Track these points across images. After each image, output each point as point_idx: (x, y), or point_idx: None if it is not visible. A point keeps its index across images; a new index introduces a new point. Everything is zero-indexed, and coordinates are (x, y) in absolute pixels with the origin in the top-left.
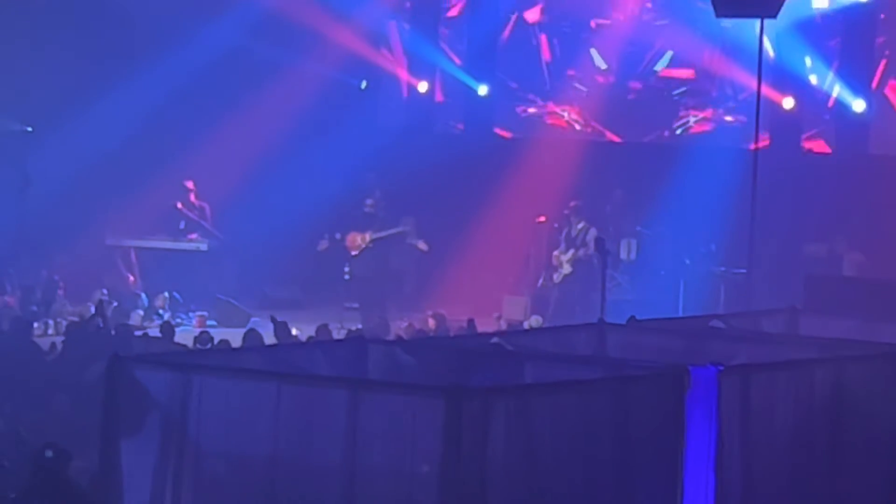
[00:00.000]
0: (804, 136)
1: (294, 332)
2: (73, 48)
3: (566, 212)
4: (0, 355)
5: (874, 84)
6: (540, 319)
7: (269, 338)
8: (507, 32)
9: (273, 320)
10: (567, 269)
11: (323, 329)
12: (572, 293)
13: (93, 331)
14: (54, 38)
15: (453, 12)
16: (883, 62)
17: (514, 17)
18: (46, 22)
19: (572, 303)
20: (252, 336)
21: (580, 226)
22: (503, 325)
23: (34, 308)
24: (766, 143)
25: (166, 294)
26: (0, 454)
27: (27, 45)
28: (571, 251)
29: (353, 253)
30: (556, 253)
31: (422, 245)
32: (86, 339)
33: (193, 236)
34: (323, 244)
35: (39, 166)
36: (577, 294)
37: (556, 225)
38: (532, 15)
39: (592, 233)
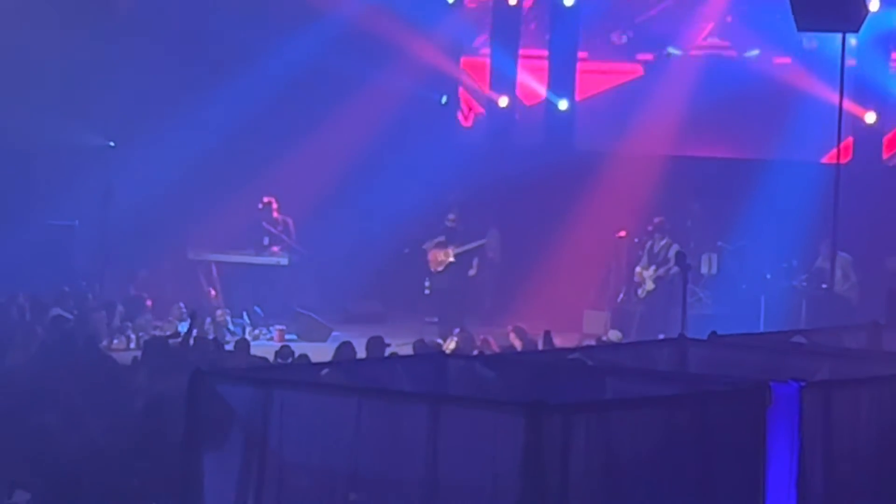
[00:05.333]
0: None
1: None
2: (155, 63)
3: (650, 228)
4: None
5: None
6: (619, 334)
7: (360, 351)
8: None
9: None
10: (650, 285)
11: (420, 344)
12: (655, 309)
13: (173, 345)
14: (137, 54)
15: (534, 26)
16: None
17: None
18: (129, 37)
19: (655, 319)
20: (346, 349)
21: (663, 242)
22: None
23: (118, 322)
24: (848, 157)
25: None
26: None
27: (110, 60)
28: (654, 268)
29: (438, 269)
30: (638, 269)
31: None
32: (164, 351)
33: (276, 249)
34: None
35: (122, 181)
36: (659, 310)
37: (636, 240)
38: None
39: (674, 249)
